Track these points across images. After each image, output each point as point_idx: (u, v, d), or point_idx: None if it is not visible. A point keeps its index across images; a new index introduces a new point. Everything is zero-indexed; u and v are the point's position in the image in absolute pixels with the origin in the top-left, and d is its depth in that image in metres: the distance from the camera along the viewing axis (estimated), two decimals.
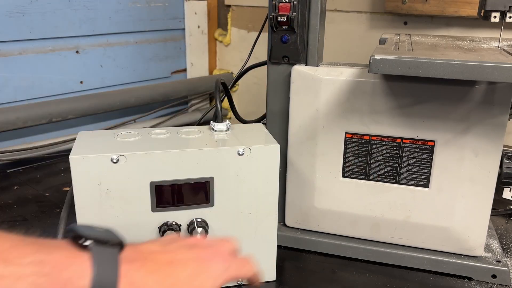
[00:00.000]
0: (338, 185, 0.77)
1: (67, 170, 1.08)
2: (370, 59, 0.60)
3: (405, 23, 1.25)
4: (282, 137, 0.79)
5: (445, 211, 0.73)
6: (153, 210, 0.64)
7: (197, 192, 0.65)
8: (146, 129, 0.71)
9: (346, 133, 0.75)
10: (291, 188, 0.80)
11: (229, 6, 1.58)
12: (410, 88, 0.69)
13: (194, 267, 0.44)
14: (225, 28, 1.62)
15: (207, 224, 0.66)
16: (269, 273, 0.73)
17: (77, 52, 1.27)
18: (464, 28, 1.18)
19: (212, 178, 0.65)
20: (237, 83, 1.57)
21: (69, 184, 0.59)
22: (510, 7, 0.67)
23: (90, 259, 0.38)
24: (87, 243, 0.39)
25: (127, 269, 0.40)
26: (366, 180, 0.76)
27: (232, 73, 1.64)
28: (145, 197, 0.63)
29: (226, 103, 1.54)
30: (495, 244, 0.79)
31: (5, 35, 1.12)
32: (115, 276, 0.39)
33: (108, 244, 0.40)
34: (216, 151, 0.64)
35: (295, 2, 0.71)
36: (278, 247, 0.73)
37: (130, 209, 0.63)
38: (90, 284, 0.37)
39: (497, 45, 0.75)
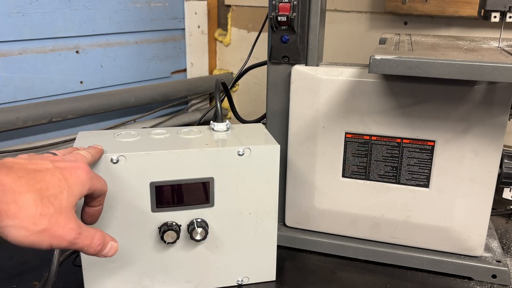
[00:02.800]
0: (338, 185, 0.77)
1: None
2: (370, 59, 0.60)
3: (405, 23, 1.25)
4: (282, 137, 0.79)
5: (445, 211, 0.73)
6: (153, 210, 0.64)
7: (197, 192, 0.65)
8: (146, 129, 0.71)
9: (346, 133, 0.75)
10: (291, 188, 0.80)
11: (229, 6, 1.58)
12: (410, 88, 0.69)
13: (61, 174, 0.47)
14: (225, 28, 1.62)
15: (207, 224, 0.66)
16: (269, 273, 0.73)
17: (77, 52, 1.27)
18: (464, 28, 1.18)
19: (212, 178, 0.65)
20: (237, 83, 1.57)
21: None
22: (510, 7, 0.67)
23: None
24: None
25: None
26: (366, 180, 0.76)
27: (232, 73, 1.64)
28: (145, 197, 0.63)
29: (226, 103, 1.54)
30: (495, 244, 0.79)
31: (5, 35, 1.12)
32: None
33: None
34: (216, 151, 0.64)
35: (295, 2, 0.71)
36: (278, 247, 0.73)
37: (130, 209, 0.63)
38: None
39: (497, 45, 0.75)
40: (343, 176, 0.77)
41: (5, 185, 0.41)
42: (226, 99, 0.89)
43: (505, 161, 0.72)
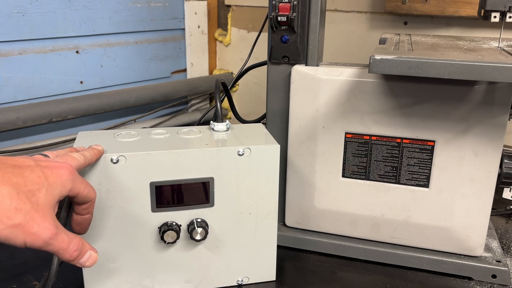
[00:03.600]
0: (338, 185, 0.77)
1: None
2: (370, 59, 0.60)
3: (405, 23, 1.25)
4: (282, 137, 0.79)
5: (445, 211, 0.73)
6: (153, 210, 0.64)
7: (197, 192, 0.65)
8: (146, 129, 0.71)
9: (346, 133, 0.75)
10: (291, 188, 0.80)
11: (229, 6, 1.58)
12: (410, 88, 0.69)
13: (42, 171, 0.45)
14: (225, 28, 1.62)
15: (207, 224, 0.66)
16: (269, 273, 0.73)
17: (77, 52, 1.27)
18: (464, 28, 1.18)
19: (212, 178, 0.65)
20: (237, 83, 1.57)
21: None
22: (510, 7, 0.67)
23: None
24: None
25: None
26: (366, 180, 0.76)
27: (232, 73, 1.64)
28: (145, 197, 0.63)
29: (226, 103, 1.54)
30: (495, 244, 0.79)
31: (5, 35, 1.12)
32: None
33: None
34: (216, 151, 0.64)
35: (295, 2, 0.71)
36: (278, 247, 0.73)
37: (130, 209, 0.63)
38: None
39: (497, 45, 0.75)
40: (343, 176, 0.77)
41: None
42: (226, 99, 0.89)
43: (505, 161, 0.72)
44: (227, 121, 0.73)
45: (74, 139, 0.68)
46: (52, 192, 0.45)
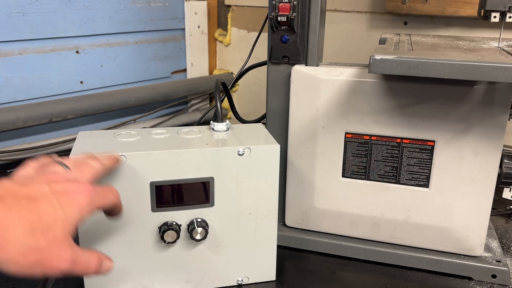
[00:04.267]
0: (338, 185, 0.77)
1: None
2: (370, 59, 0.60)
3: (405, 23, 1.25)
4: (282, 137, 0.79)
5: (445, 211, 0.73)
6: (153, 210, 0.64)
7: (197, 192, 0.65)
8: (146, 129, 0.71)
9: (346, 133, 0.75)
10: (291, 188, 0.80)
11: (229, 6, 1.58)
12: (410, 88, 0.70)
13: (58, 200, 0.44)
14: (225, 28, 1.62)
15: (207, 224, 0.66)
16: (269, 273, 0.73)
17: (77, 52, 1.27)
18: (464, 28, 1.18)
19: (212, 178, 0.65)
20: (237, 83, 1.57)
21: None
22: (510, 7, 0.67)
23: None
24: None
25: None
26: (366, 180, 0.76)
27: (232, 73, 1.64)
28: (145, 197, 0.63)
29: (226, 103, 1.54)
30: (495, 244, 0.79)
31: (5, 35, 1.12)
32: None
33: None
34: (216, 151, 0.64)
35: (295, 2, 0.71)
36: (278, 247, 0.73)
37: (130, 209, 0.63)
38: None
39: (497, 45, 0.75)
40: (343, 176, 0.77)
41: None
42: (226, 99, 0.89)
43: (505, 161, 0.72)
44: (227, 121, 0.73)
45: (74, 139, 0.68)
46: (69, 222, 0.44)
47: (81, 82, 1.30)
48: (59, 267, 0.43)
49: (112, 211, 0.55)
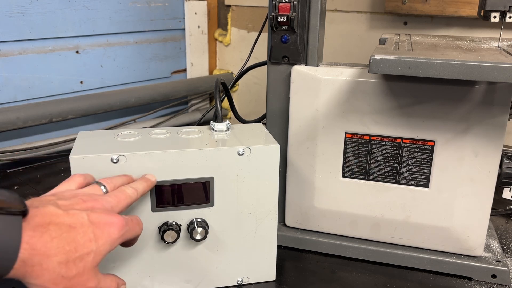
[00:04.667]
0: (338, 185, 0.77)
1: (67, 170, 1.08)
2: (370, 59, 0.60)
3: (405, 23, 1.25)
4: (282, 137, 0.79)
5: (445, 211, 0.73)
6: (153, 210, 0.64)
7: (197, 192, 0.65)
8: (146, 129, 0.71)
9: (346, 133, 0.75)
10: (291, 188, 0.80)
11: (229, 6, 1.58)
12: (410, 88, 0.70)
13: (93, 232, 0.48)
14: (225, 28, 1.62)
15: (207, 224, 0.66)
16: (269, 273, 0.73)
17: (77, 52, 1.27)
18: (464, 28, 1.18)
19: (212, 178, 0.65)
20: (237, 83, 1.57)
21: None
22: (510, 7, 0.67)
23: None
24: None
25: (30, 236, 0.43)
26: (366, 180, 0.76)
27: (232, 73, 1.64)
28: (145, 197, 0.63)
29: (226, 103, 1.54)
30: (495, 244, 0.79)
31: (5, 35, 1.12)
32: (17, 243, 0.41)
33: (11, 211, 0.42)
34: (216, 151, 0.64)
35: (295, 2, 0.71)
36: (278, 247, 0.73)
37: (130, 209, 0.63)
38: None
39: (497, 45, 0.75)
40: (343, 176, 0.77)
41: (35, 249, 0.43)
42: (226, 99, 0.89)
43: (505, 161, 0.72)
44: (227, 121, 0.73)
45: (74, 139, 0.68)
46: (100, 254, 0.48)
47: (81, 82, 1.30)
48: None
49: (131, 242, 0.57)
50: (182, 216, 0.66)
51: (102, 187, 0.55)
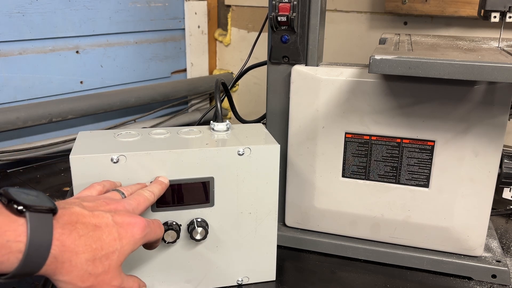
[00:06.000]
0: (338, 185, 0.77)
1: (67, 170, 1.08)
2: (370, 59, 0.60)
3: (405, 23, 1.25)
4: (282, 137, 0.79)
5: (445, 211, 0.73)
6: (153, 210, 0.64)
7: (197, 192, 0.65)
8: (146, 129, 0.71)
9: (346, 133, 0.75)
10: (291, 188, 0.80)
11: (229, 6, 1.58)
12: (410, 88, 0.70)
13: (118, 232, 0.50)
14: (225, 28, 1.62)
15: (207, 224, 0.66)
16: (269, 273, 0.73)
17: (77, 52, 1.27)
18: (464, 28, 1.18)
19: (212, 178, 0.65)
20: (237, 83, 1.57)
21: (69, 184, 0.59)
22: (510, 7, 0.67)
23: (25, 224, 0.42)
24: (21, 208, 0.42)
25: (60, 233, 0.44)
26: (366, 180, 0.76)
27: (232, 73, 1.64)
28: None
29: (226, 103, 1.54)
30: (495, 244, 0.79)
31: (5, 35, 1.12)
32: (49, 240, 0.43)
33: (42, 210, 0.43)
34: (216, 151, 0.64)
35: (295, 2, 0.71)
36: (278, 247, 0.73)
37: None
38: (26, 247, 0.41)
39: (497, 45, 0.75)
40: (343, 176, 0.77)
41: (65, 246, 0.45)
42: (226, 99, 0.89)
43: (505, 161, 0.72)
44: (227, 121, 0.73)
45: (74, 139, 0.68)
46: (123, 253, 0.50)
47: (81, 82, 1.30)
48: None
49: (153, 244, 0.58)
50: (182, 216, 0.66)
51: (121, 194, 0.57)
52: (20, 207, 0.42)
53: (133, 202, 0.55)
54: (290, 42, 0.74)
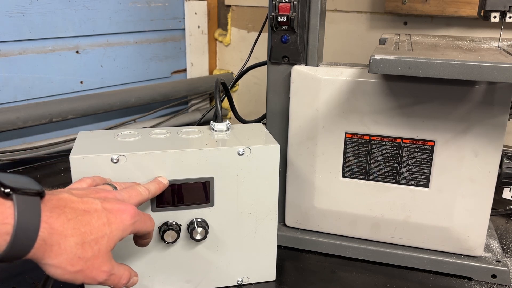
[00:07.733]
0: (338, 185, 0.77)
1: (67, 170, 1.08)
2: (370, 59, 0.60)
3: (405, 23, 1.25)
4: (282, 137, 0.79)
5: (445, 211, 0.73)
6: (153, 210, 0.64)
7: (197, 192, 0.65)
8: (146, 129, 0.71)
9: (346, 133, 0.75)
10: (291, 188, 0.80)
11: (229, 6, 1.58)
12: (410, 88, 0.70)
13: (107, 217, 0.49)
14: (225, 28, 1.62)
15: (207, 224, 0.66)
16: (269, 273, 0.73)
17: (77, 52, 1.27)
18: (464, 28, 1.18)
19: (212, 178, 0.65)
20: (237, 83, 1.57)
21: (69, 184, 0.59)
22: (510, 7, 0.67)
23: (12, 206, 0.42)
24: (8, 190, 0.42)
25: (48, 216, 0.44)
26: (366, 180, 0.76)
27: (232, 73, 1.64)
28: None
29: (226, 103, 1.54)
30: (495, 244, 0.79)
31: (5, 35, 1.12)
32: (37, 222, 0.43)
33: (30, 193, 0.43)
34: (216, 151, 0.64)
35: (295, 2, 0.71)
36: (278, 247, 0.73)
37: None
38: (13, 229, 0.41)
39: (497, 45, 0.75)
40: (343, 176, 0.77)
41: (54, 228, 0.44)
42: (226, 99, 0.89)
43: (505, 161, 0.72)
44: (227, 121, 0.73)
45: (74, 139, 0.68)
46: (113, 238, 0.49)
47: (81, 82, 1.30)
48: (97, 278, 0.48)
49: (144, 238, 0.58)
50: (182, 216, 0.66)
51: (112, 187, 0.56)
52: (7, 190, 0.42)
53: (124, 193, 0.55)
54: (290, 42, 0.74)
